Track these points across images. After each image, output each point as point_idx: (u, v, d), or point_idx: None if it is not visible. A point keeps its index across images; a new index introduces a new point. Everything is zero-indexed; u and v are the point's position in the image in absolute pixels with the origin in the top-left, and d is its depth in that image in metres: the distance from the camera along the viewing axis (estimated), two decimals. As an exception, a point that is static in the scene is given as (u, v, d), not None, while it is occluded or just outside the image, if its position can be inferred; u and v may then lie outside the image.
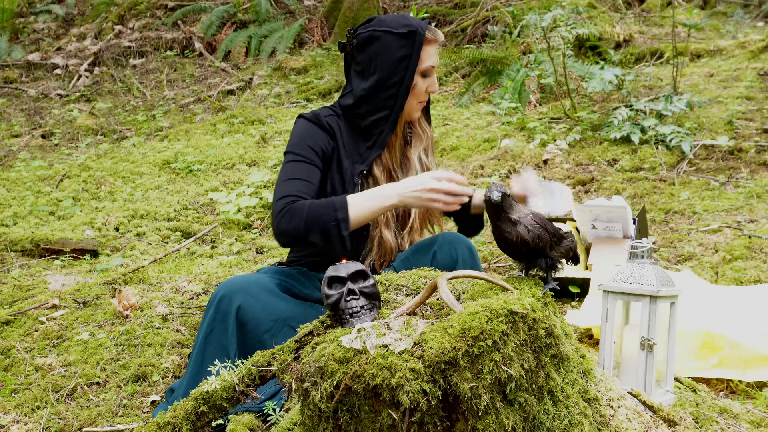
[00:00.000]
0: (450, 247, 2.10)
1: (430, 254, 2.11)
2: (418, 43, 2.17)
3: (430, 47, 2.22)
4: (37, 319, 2.78)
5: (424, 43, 2.19)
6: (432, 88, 2.26)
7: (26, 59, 8.01)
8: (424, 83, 2.24)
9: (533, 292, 1.51)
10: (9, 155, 5.62)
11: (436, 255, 2.10)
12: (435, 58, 2.24)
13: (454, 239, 2.13)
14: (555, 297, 2.41)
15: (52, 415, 2.17)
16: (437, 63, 2.26)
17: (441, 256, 2.09)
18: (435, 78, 2.26)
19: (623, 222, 2.77)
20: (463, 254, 2.10)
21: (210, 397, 1.66)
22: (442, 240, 2.14)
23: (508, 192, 1.56)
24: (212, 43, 7.95)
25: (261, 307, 2.07)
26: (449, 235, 2.17)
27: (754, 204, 3.41)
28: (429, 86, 2.24)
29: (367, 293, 1.48)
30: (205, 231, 3.78)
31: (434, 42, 2.23)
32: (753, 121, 4.23)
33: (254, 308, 2.06)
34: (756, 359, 2.13)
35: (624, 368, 1.98)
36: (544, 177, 4.01)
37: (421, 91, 2.25)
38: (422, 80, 2.23)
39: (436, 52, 2.24)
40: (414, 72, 2.20)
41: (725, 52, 5.63)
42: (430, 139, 2.37)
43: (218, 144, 5.19)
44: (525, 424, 1.38)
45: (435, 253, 2.10)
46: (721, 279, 2.80)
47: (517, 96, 5.04)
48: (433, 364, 1.30)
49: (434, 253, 2.10)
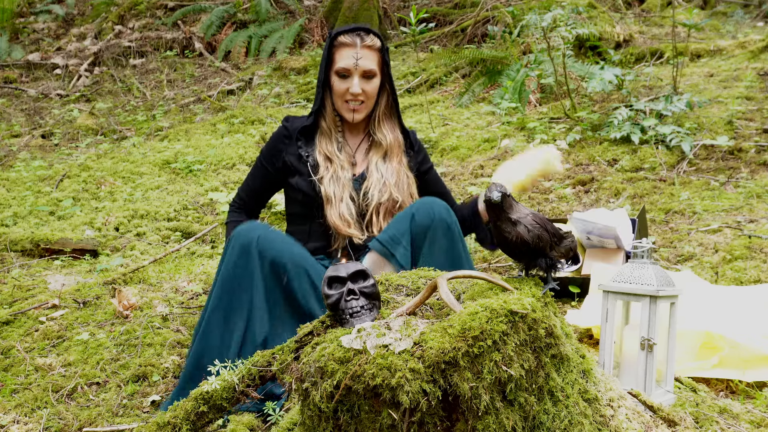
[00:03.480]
0: (427, 207, 2.19)
1: (408, 217, 2.19)
2: (328, 45, 2.40)
3: (345, 50, 2.37)
4: (37, 319, 2.78)
5: (336, 45, 2.39)
6: (352, 90, 2.37)
7: (26, 59, 8.01)
8: (342, 84, 2.38)
9: (533, 292, 1.51)
10: (9, 155, 5.62)
11: (414, 217, 2.17)
12: (350, 60, 2.36)
13: (431, 201, 2.22)
14: (555, 297, 2.41)
15: (52, 415, 2.17)
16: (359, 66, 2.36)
17: (419, 217, 2.17)
18: (356, 81, 2.37)
19: (615, 238, 2.78)
20: (440, 212, 2.17)
21: (210, 397, 1.66)
22: (419, 204, 2.23)
23: (508, 192, 1.56)
24: (212, 43, 7.95)
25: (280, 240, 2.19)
26: (426, 199, 2.26)
27: (754, 204, 3.41)
28: (349, 88, 2.38)
29: (367, 293, 1.48)
30: (205, 231, 3.78)
31: (349, 46, 2.37)
32: (753, 121, 4.23)
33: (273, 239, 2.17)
34: (756, 359, 2.13)
35: (624, 368, 1.98)
36: (544, 177, 4.01)
37: (340, 91, 2.39)
38: (339, 80, 2.39)
39: (355, 55, 2.36)
40: (327, 72, 2.42)
41: (725, 52, 5.63)
42: (389, 146, 2.46)
43: (218, 144, 5.19)
44: (525, 424, 1.38)
45: (413, 216, 2.18)
46: (721, 279, 2.80)
47: (517, 96, 5.04)
48: (433, 364, 1.30)
49: (412, 216, 2.18)
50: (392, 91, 2.48)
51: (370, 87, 2.40)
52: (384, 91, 2.47)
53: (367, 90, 2.40)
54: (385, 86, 2.47)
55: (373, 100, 2.44)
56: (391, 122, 2.49)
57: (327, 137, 2.46)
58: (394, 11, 7.70)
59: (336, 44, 2.40)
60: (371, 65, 2.39)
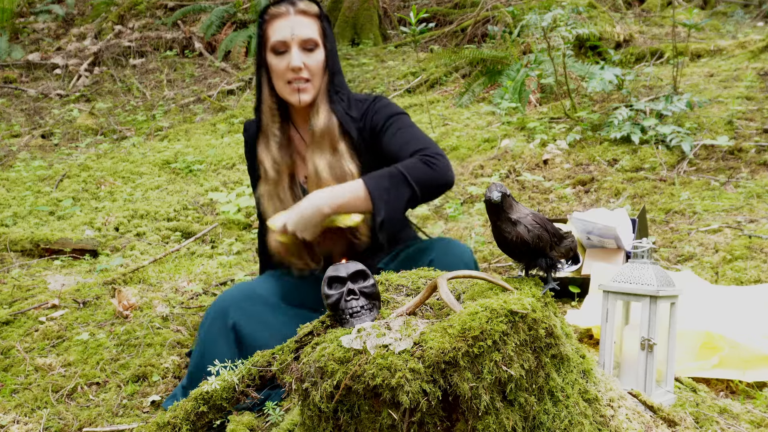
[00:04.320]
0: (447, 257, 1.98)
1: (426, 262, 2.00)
2: (261, 21, 2.10)
3: (278, 21, 2.06)
4: (37, 319, 2.78)
5: (268, 18, 2.08)
6: (292, 63, 2.04)
7: (26, 59, 8.01)
8: (280, 61, 2.06)
9: (533, 292, 1.50)
10: (9, 155, 5.62)
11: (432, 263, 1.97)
12: (285, 31, 2.04)
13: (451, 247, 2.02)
14: (555, 297, 2.41)
15: (52, 415, 2.17)
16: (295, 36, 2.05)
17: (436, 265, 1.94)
18: (294, 52, 2.04)
19: (615, 238, 2.77)
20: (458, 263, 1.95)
21: (210, 397, 1.66)
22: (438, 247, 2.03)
23: (508, 192, 1.56)
24: (212, 43, 7.95)
25: (256, 323, 2.04)
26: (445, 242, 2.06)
27: (754, 204, 3.41)
28: (289, 63, 2.05)
29: (367, 293, 1.48)
30: (205, 231, 3.78)
31: (282, 15, 2.07)
32: (753, 121, 4.23)
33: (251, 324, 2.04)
34: (756, 359, 2.13)
35: (624, 368, 1.98)
36: (544, 177, 4.01)
37: (279, 70, 2.07)
38: (276, 58, 2.07)
39: (289, 24, 2.05)
40: (263, 53, 2.10)
41: (725, 52, 5.63)
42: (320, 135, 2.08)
43: (218, 144, 5.19)
44: (525, 424, 1.38)
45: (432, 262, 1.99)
46: (721, 279, 2.80)
47: (517, 96, 5.04)
48: (433, 364, 1.30)
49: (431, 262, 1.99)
50: (335, 66, 2.12)
51: (312, 61, 2.07)
52: (327, 68, 2.11)
53: (310, 65, 2.07)
54: (329, 62, 2.11)
55: (319, 77, 2.09)
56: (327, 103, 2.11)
57: (265, 140, 2.14)
58: (394, 11, 7.70)
59: (267, 17, 2.09)
60: (310, 33, 2.06)
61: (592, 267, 2.74)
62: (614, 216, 2.86)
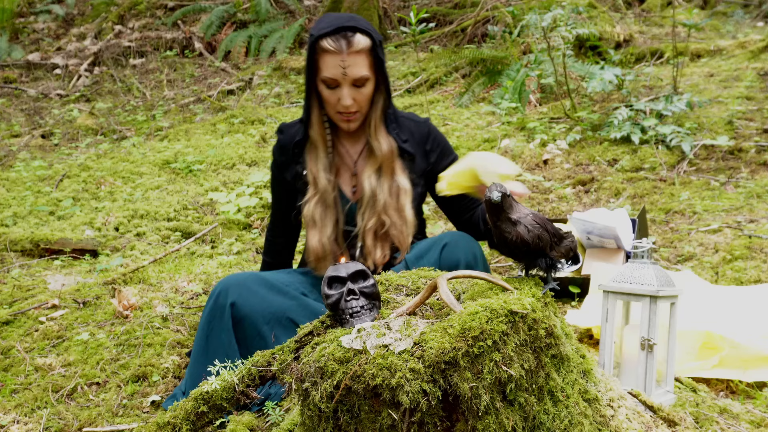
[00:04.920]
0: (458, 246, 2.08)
1: (438, 248, 2.09)
2: (311, 49, 2.11)
3: (330, 57, 2.06)
4: (37, 319, 2.78)
5: (318, 51, 2.08)
6: (342, 102, 2.10)
7: (26, 59, 8.01)
8: (331, 94, 2.11)
9: (533, 292, 1.50)
10: (9, 155, 5.62)
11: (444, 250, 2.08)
12: (336, 70, 2.06)
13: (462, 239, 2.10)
14: (555, 297, 2.41)
15: (52, 415, 2.17)
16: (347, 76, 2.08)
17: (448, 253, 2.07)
18: (345, 92, 2.09)
19: (615, 238, 2.77)
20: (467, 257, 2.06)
21: (210, 397, 1.66)
22: (451, 238, 2.11)
23: (508, 192, 1.56)
24: (212, 43, 7.94)
25: (258, 301, 2.09)
26: (457, 234, 2.14)
27: (754, 204, 3.41)
28: (339, 99, 2.10)
29: (367, 293, 1.48)
30: (205, 231, 3.78)
31: (334, 53, 2.06)
32: (753, 121, 4.23)
33: (251, 302, 2.08)
34: (756, 359, 2.13)
35: (624, 368, 1.98)
36: (544, 177, 4.01)
37: (331, 101, 2.12)
38: (327, 90, 2.11)
39: (342, 63, 2.05)
40: (313, 80, 2.13)
41: (725, 52, 5.63)
42: (383, 156, 2.19)
43: (218, 144, 5.19)
44: (525, 424, 1.38)
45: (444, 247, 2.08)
46: (721, 279, 2.80)
47: (517, 96, 5.04)
48: (433, 364, 1.30)
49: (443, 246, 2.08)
50: (387, 91, 2.19)
51: (362, 95, 2.12)
52: (380, 93, 2.18)
53: (360, 99, 2.12)
54: (381, 87, 2.17)
55: (367, 106, 2.17)
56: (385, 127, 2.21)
57: (315, 152, 2.22)
58: (394, 11, 7.70)
59: (318, 50, 2.08)
60: (362, 71, 2.09)
61: (592, 267, 2.74)
62: (614, 216, 2.86)
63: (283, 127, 2.32)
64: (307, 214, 2.21)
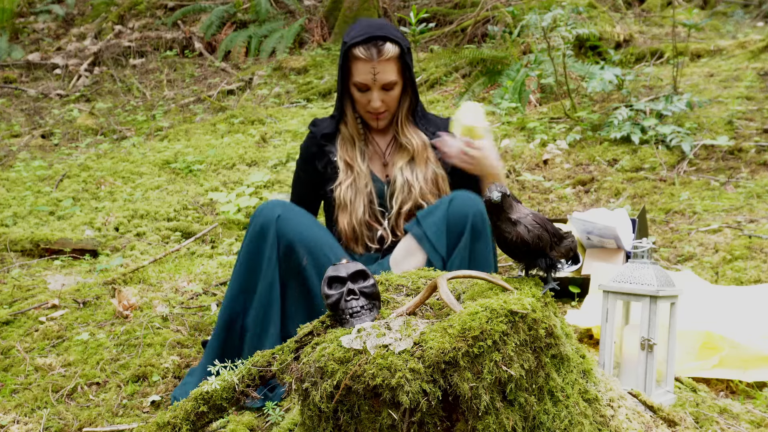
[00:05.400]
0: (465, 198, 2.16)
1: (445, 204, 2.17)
2: (344, 56, 2.29)
3: (362, 64, 2.26)
4: (37, 319, 2.78)
5: (351, 58, 2.28)
6: (372, 105, 2.31)
7: (26, 59, 8.01)
8: (362, 96, 2.32)
9: (533, 292, 1.50)
10: (9, 155, 5.62)
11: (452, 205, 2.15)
12: (367, 76, 2.27)
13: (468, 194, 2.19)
14: (555, 297, 2.40)
15: (52, 415, 2.17)
16: (377, 81, 2.27)
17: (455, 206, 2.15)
18: (375, 95, 2.30)
19: (615, 238, 2.78)
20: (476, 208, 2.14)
21: (210, 397, 1.66)
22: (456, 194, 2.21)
23: (508, 192, 1.56)
24: (212, 43, 7.94)
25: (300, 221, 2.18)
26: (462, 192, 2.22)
27: (754, 204, 3.41)
28: (370, 101, 2.31)
29: (367, 293, 1.48)
30: (205, 231, 3.78)
31: (365, 61, 2.25)
32: (753, 121, 4.23)
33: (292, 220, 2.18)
34: (756, 359, 2.13)
35: (624, 368, 1.98)
36: (544, 177, 4.01)
37: (362, 102, 2.34)
38: (359, 93, 2.32)
39: (372, 70, 2.26)
40: (346, 83, 2.34)
41: (725, 52, 5.63)
42: (416, 150, 2.38)
43: (218, 144, 5.19)
44: (525, 424, 1.38)
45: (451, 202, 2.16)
46: (721, 279, 2.80)
47: (517, 96, 5.04)
48: (433, 364, 1.30)
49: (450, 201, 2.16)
50: (414, 92, 2.39)
51: (390, 97, 2.33)
52: (407, 94, 2.39)
53: (388, 101, 2.33)
54: (408, 89, 2.38)
55: (395, 106, 2.37)
56: (413, 124, 2.42)
57: (349, 144, 2.41)
58: (394, 11, 7.70)
59: (351, 57, 2.29)
60: (390, 77, 2.29)
61: (592, 267, 2.74)
62: (614, 216, 2.86)
63: (317, 121, 2.50)
64: (339, 197, 2.36)
